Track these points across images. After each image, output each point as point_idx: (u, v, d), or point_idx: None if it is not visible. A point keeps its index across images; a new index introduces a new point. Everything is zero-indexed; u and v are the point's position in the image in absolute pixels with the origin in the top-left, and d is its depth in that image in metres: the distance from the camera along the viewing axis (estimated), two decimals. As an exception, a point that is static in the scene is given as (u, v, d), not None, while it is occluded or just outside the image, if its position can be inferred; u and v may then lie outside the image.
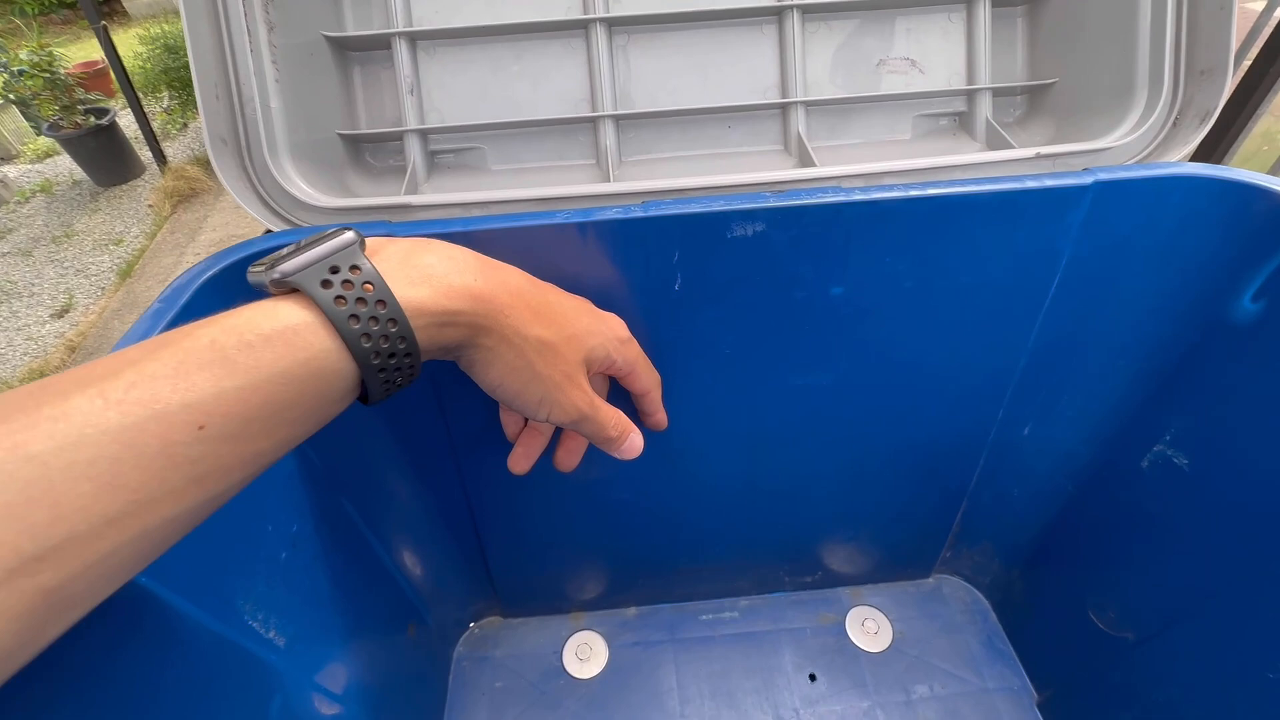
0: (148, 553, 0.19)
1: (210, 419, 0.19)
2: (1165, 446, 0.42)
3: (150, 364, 0.19)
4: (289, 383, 0.20)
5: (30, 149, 2.76)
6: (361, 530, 0.45)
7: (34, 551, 0.16)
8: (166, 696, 0.26)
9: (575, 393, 0.30)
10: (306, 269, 0.22)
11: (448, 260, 0.25)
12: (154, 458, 0.18)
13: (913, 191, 0.35)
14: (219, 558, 0.30)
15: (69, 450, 0.16)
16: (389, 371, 0.23)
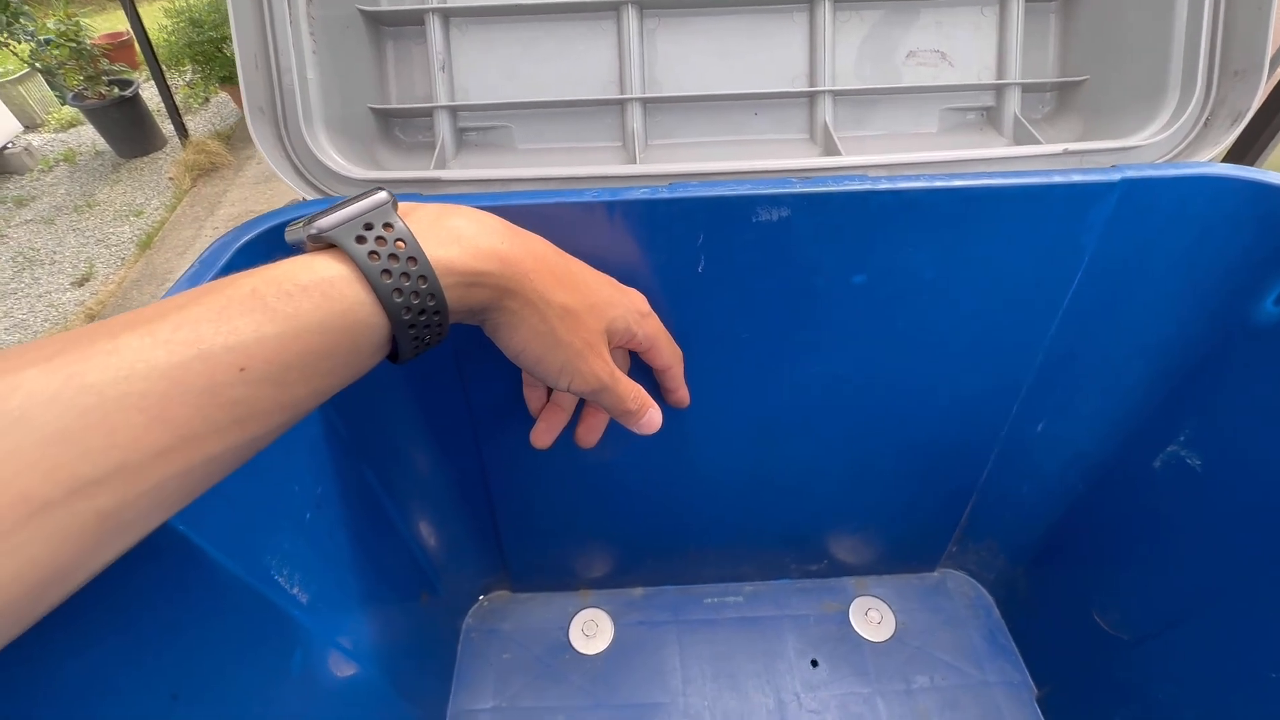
0: (191, 488, 0.19)
1: (251, 362, 0.19)
2: (1179, 447, 0.42)
3: (195, 308, 0.19)
4: (325, 332, 0.21)
5: (54, 118, 2.79)
6: (381, 498, 0.46)
7: (91, 476, 0.16)
8: (200, 642, 0.27)
9: (596, 361, 0.31)
10: (342, 225, 0.23)
11: (476, 224, 0.26)
12: (199, 396, 0.18)
13: (938, 183, 0.35)
14: (250, 513, 0.31)
15: (121, 383, 0.17)
16: (418, 328, 0.24)
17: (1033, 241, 0.38)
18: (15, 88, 2.65)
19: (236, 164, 2.41)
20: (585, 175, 0.41)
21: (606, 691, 0.56)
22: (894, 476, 0.54)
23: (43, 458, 0.16)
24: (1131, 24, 0.44)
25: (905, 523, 0.59)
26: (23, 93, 2.68)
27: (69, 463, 0.16)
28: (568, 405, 0.39)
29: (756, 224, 0.36)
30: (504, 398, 0.45)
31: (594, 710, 0.55)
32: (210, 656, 0.28)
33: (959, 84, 0.47)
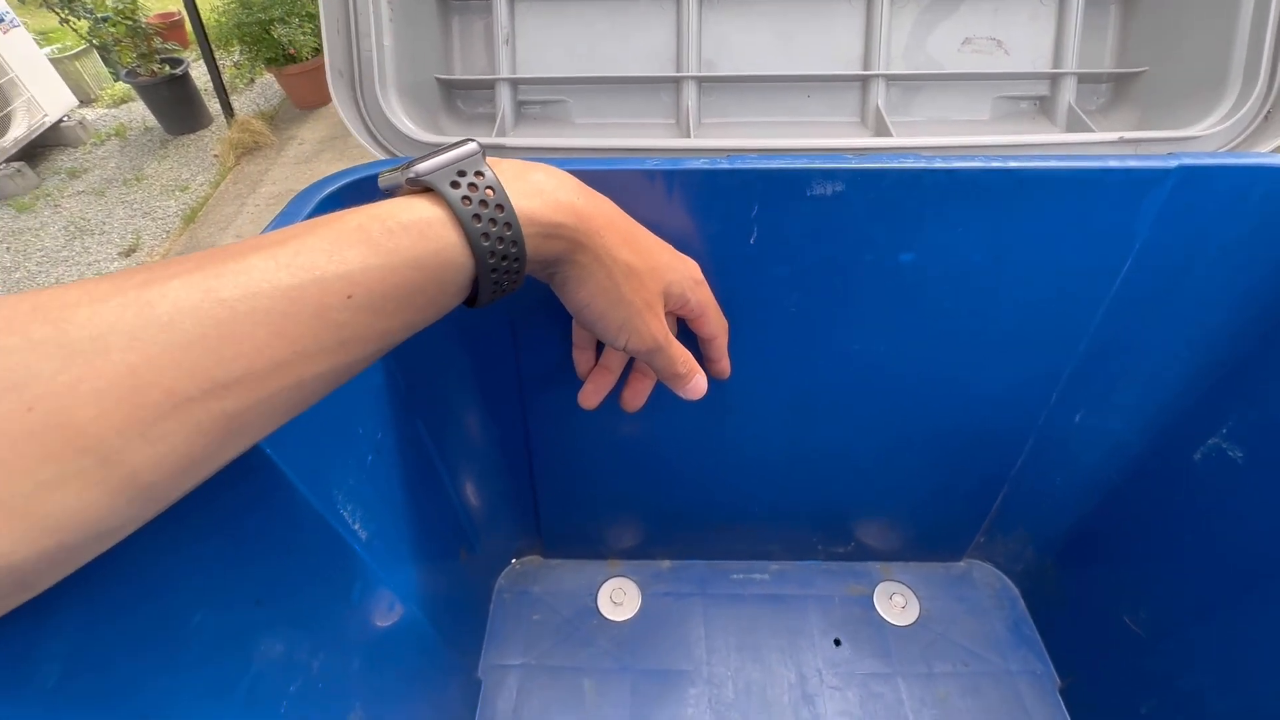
0: (298, 402, 0.21)
1: (357, 290, 0.21)
2: (1220, 439, 0.42)
3: (311, 238, 0.21)
4: (420, 268, 0.23)
5: (108, 94, 2.88)
6: (431, 454, 0.48)
7: (222, 379, 0.18)
8: (280, 558, 0.29)
9: (654, 321, 0.32)
10: (439, 170, 0.24)
11: (554, 178, 0.28)
12: (311, 317, 0.20)
13: (993, 163, 0.36)
14: (323, 448, 0.33)
15: (249, 299, 0.19)
16: (499, 273, 0.25)
17: (1084, 227, 0.38)
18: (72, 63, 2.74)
19: (279, 144, 2.47)
20: (641, 147, 0.42)
21: (632, 656, 0.58)
22: (926, 462, 0.54)
23: (185, 359, 0.18)
24: (1195, 15, 0.44)
25: (934, 510, 0.60)
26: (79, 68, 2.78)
27: (205, 366, 0.18)
28: (615, 368, 0.41)
29: (810, 198, 0.37)
30: (553, 366, 0.47)
31: (619, 673, 0.57)
32: (287, 573, 0.30)
33: (1014, 71, 0.47)
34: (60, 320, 0.17)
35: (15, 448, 0.15)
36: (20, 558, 0.15)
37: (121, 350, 0.17)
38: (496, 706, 0.55)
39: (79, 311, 0.17)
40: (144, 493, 0.17)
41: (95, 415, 0.16)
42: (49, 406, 0.16)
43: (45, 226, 2.16)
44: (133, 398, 0.17)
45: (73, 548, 0.17)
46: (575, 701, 0.55)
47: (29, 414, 0.15)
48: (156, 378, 0.17)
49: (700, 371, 0.37)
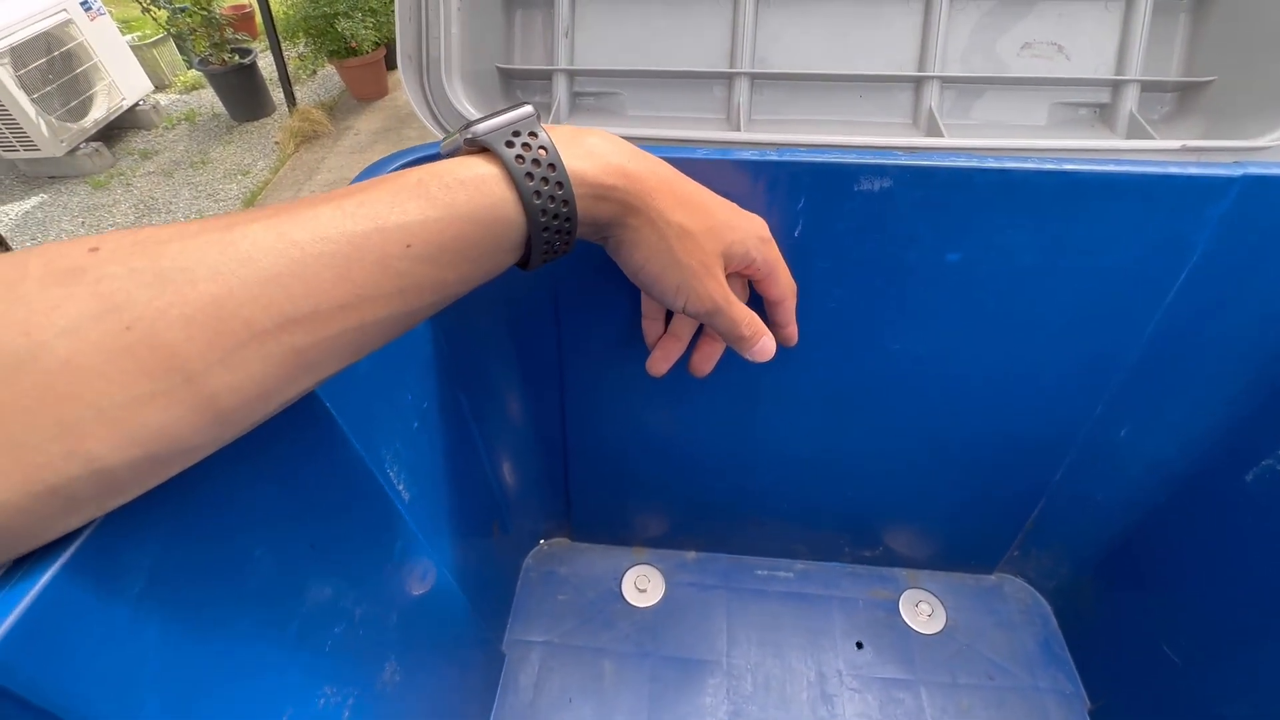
0: (359, 345, 0.23)
1: (415, 240, 0.23)
2: (1276, 460, 0.40)
3: (374, 192, 0.23)
4: (475, 223, 0.24)
5: (180, 80, 3.03)
6: (471, 429, 0.50)
7: (293, 314, 0.20)
8: (332, 508, 0.31)
9: (711, 283, 0.32)
10: (495, 131, 0.25)
11: (608, 142, 0.28)
12: (374, 263, 0.22)
13: (1047, 165, 0.36)
14: (375, 410, 0.35)
15: (318, 243, 0.20)
16: (550, 232, 0.26)
17: (1140, 235, 0.38)
18: (150, 51, 2.89)
19: (336, 133, 2.56)
20: (692, 138, 0.43)
21: (654, 643, 0.59)
22: (962, 469, 0.54)
23: (261, 294, 0.19)
24: (1269, 26, 0.43)
25: (967, 519, 0.59)
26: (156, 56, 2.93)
27: (278, 301, 0.20)
28: (684, 335, 0.40)
29: (858, 193, 0.38)
30: (594, 350, 0.48)
31: (640, 658, 0.58)
32: (339, 523, 0.31)
33: (1074, 77, 0.47)
34: (155, 254, 0.18)
35: (114, 362, 0.17)
36: (114, 462, 0.17)
37: (206, 281, 0.18)
38: (519, 680, 0.57)
39: (171, 246, 0.19)
40: (222, 415, 0.19)
41: (184, 339, 0.18)
42: (144, 328, 0.17)
43: (117, 203, 2.28)
44: (215, 325, 0.18)
45: (159, 460, 0.18)
46: (595, 682, 0.56)
47: (127, 332, 0.17)
48: (236, 309, 0.19)
49: (767, 333, 0.36)
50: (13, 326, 0.16)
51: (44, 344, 0.16)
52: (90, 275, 0.18)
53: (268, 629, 0.26)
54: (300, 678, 0.28)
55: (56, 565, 0.18)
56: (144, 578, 0.20)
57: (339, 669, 0.31)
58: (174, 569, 0.22)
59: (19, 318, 0.17)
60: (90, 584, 0.18)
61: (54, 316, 0.17)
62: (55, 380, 0.16)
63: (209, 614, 0.23)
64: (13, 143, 2.21)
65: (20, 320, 0.17)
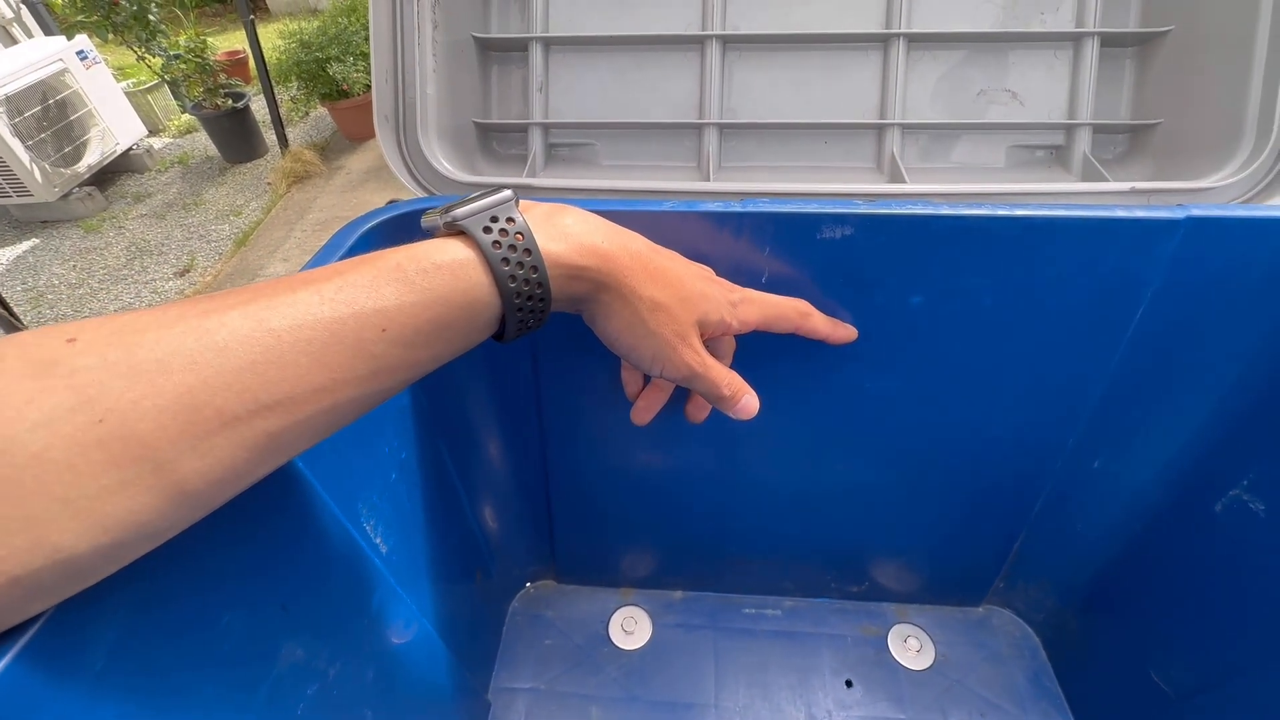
0: (332, 424, 0.23)
1: (391, 324, 0.23)
2: (1241, 491, 0.41)
3: (353, 274, 0.23)
4: (450, 306, 0.25)
5: (174, 124, 3.08)
6: (451, 476, 0.50)
7: (267, 400, 0.20)
8: (305, 565, 0.31)
9: (686, 352, 0.33)
10: (473, 216, 0.27)
11: (582, 222, 0.30)
12: (349, 348, 0.22)
13: (1000, 211, 0.37)
14: (350, 462, 0.36)
15: (295, 330, 0.21)
16: (525, 312, 0.27)
17: (1094, 275, 0.39)
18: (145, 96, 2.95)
19: (327, 173, 2.60)
20: (662, 190, 0.45)
21: (642, 687, 0.58)
22: (942, 503, 0.54)
23: (235, 381, 0.20)
24: (1209, 70, 0.45)
25: (951, 552, 0.59)
26: (150, 101, 2.98)
27: (253, 388, 0.20)
28: (667, 388, 0.42)
29: (820, 240, 0.39)
30: (573, 396, 0.49)
31: (628, 703, 0.57)
32: (312, 581, 0.32)
33: (1029, 121, 0.49)
34: (131, 344, 0.19)
35: (86, 455, 0.17)
36: (80, 552, 0.18)
37: (181, 371, 0.19)
38: (504, 729, 0.56)
39: (147, 336, 0.19)
40: (190, 500, 0.20)
41: (154, 429, 0.18)
42: (116, 420, 0.18)
43: (109, 246, 2.30)
44: (188, 415, 0.19)
45: (125, 545, 0.19)
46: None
47: (99, 425, 0.18)
48: (210, 398, 0.19)
49: (748, 391, 0.37)
50: None
51: (15, 438, 0.17)
52: (65, 367, 0.18)
53: (235, 694, 0.26)
54: (270, 743, 0.28)
55: (15, 649, 0.18)
56: (106, 652, 0.20)
57: (312, 731, 0.31)
58: (138, 640, 0.22)
59: None
60: (48, 666, 0.19)
61: (27, 411, 0.17)
62: (24, 475, 0.17)
63: (173, 682, 0.23)
64: (6, 189, 2.24)
65: None
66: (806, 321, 0.39)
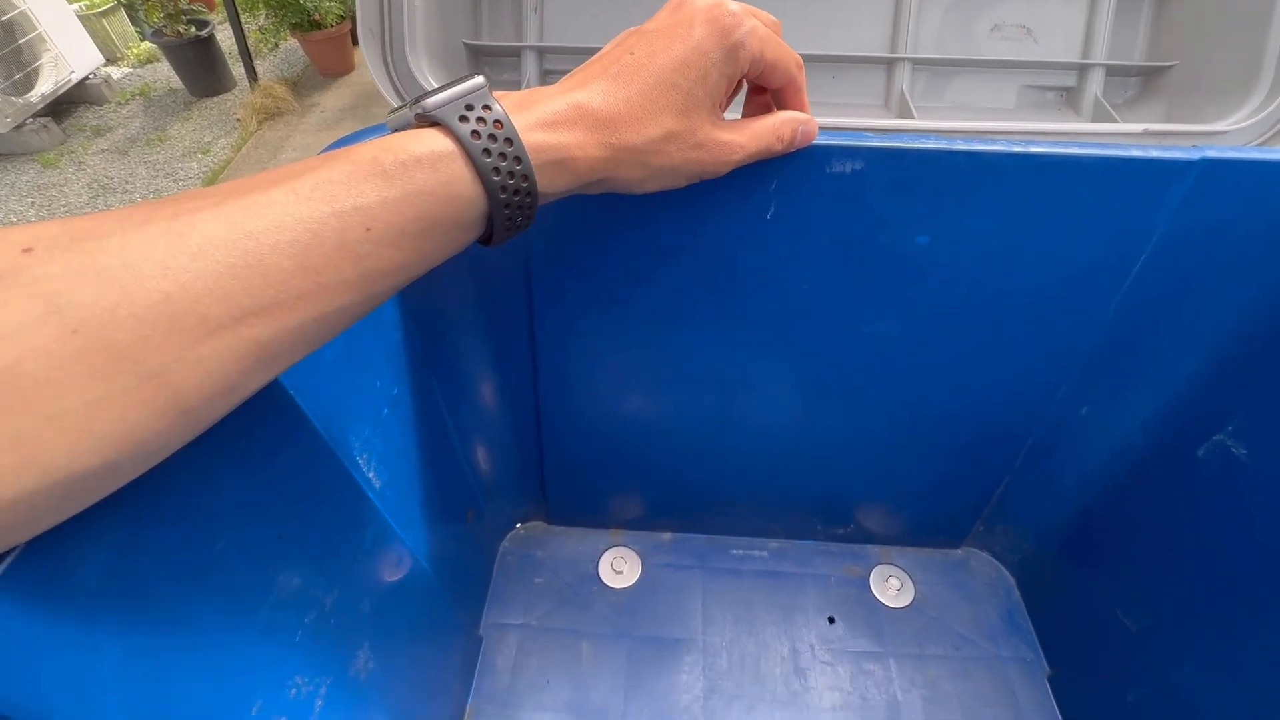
0: (321, 334, 0.22)
1: (375, 223, 0.22)
2: (1225, 436, 0.42)
3: (327, 171, 0.22)
4: (434, 202, 0.23)
5: (133, 53, 2.89)
6: (443, 415, 0.49)
7: (251, 307, 0.19)
8: (300, 498, 0.30)
9: (718, 150, 0.30)
10: (447, 105, 0.24)
11: (561, 105, 0.26)
12: (332, 250, 0.21)
13: (1016, 148, 0.36)
14: (342, 395, 0.34)
15: (274, 231, 0.20)
16: (512, 208, 0.25)
17: (1103, 218, 0.38)
18: (99, 20, 2.75)
19: (300, 110, 2.47)
20: (665, 120, 0.42)
21: (630, 623, 0.59)
22: (932, 449, 0.55)
23: (217, 287, 0.18)
24: (1228, 11, 0.43)
25: (936, 497, 0.60)
26: (106, 26, 2.78)
27: (236, 294, 0.19)
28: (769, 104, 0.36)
29: (830, 175, 0.38)
30: (567, 334, 0.47)
31: (617, 638, 0.59)
32: (307, 511, 0.31)
33: (1042, 60, 0.47)
34: (96, 250, 0.17)
35: (65, 369, 0.16)
36: (75, 471, 0.17)
37: (155, 278, 0.18)
38: (496, 664, 0.57)
39: (111, 241, 0.18)
40: (185, 414, 0.18)
41: (135, 339, 0.17)
42: (92, 330, 0.17)
43: (69, 183, 2.18)
44: (168, 323, 0.18)
45: (121, 463, 0.18)
46: (573, 663, 0.57)
47: (74, 336, 0.16)
48: (191, 305, 0.18)
49: (798, 124, 0.34)
50: None
51: None
52: (25, 275, 0.17)
53: (233, 620, 0.26)
54: (269, 669, 0.28)
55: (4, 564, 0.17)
56: (99, 573, 0.20)
57: (310, 658, 0.31)
58: (132, 563, 0.21)
59: None
60: (37, 582, 0.18)
61: None
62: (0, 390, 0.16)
63: (170, 608, 0.23)
64: (-48, 118, 2.10)
65: None
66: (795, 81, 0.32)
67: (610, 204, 0.40)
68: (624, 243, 0.42)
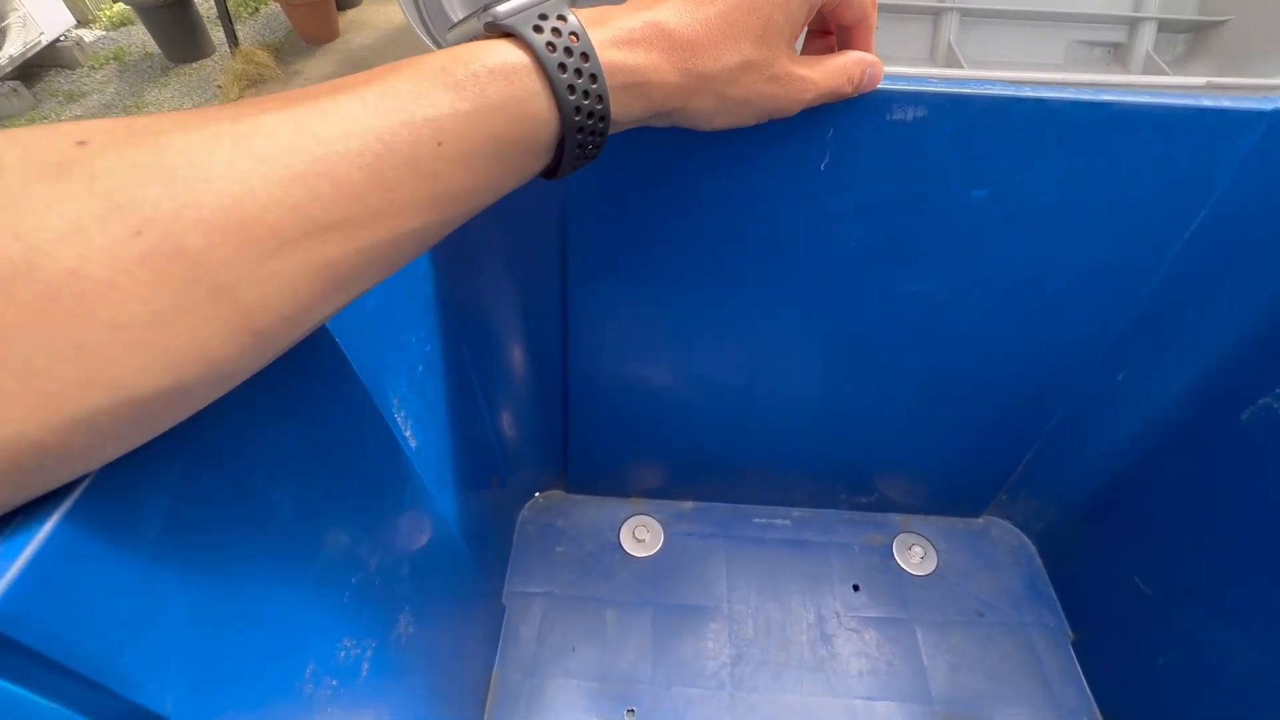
0: (394, 260, 0.20)
1: (447, 138, 0.20)
2: (1273, 399, 0.42)
3: (395, 80, 0.20)
4: (507, 119, 0.21)
5: (106, 15, 2.77)
6: (470, 376, 0.47)
7: (324, 221, 0.17)
8: (345, 449, 0.29)
9: (793, 85, 0.29)
10: (520, 13, 0.22)
11: (640, 21, 0.24)
12: (405, 163, 0.19)
13: (1084, 96, 0.35)
14: (382, 349, 0.33)
15: (343, 138, 0.18)
16: (585, 133, 0.23)
17: (1164, 173, 0.37)
18: (69, -21, 2.62)
19: (284, 78, 2.39)
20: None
21: (654, 591, 0.59)
22: (961, 416, 0.54)
23: (286, 196, 0.17)
24: (1287, -38, 0.42)
25: (960, 467, 0.60)
26: (76, -15, 2.66)
27: (306, 204, 0.17)
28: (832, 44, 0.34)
29: (889, 123, 0.36)
30: (603, 286, 0.46)
31: (641, 606, 0.58)
32: (353, 466, 0.29)
33: (1093, 13, 0.45)
34: (157, 147, 0.16)
35: (129, 273, 0.14)
36: (143, 391, 0.15)
37: (222, 180, 0.16)
38: (520, 632, 0.56)
39: (173, 138, 0.16)
40: (257, 338, 0.17)
41: (204, 245, 0.15)
42: (157, 233, 0.15)
43: (43, 149, 2.09)
44: (239, 231, 0.16)
45: (190, 388, 0.16)
46: (598, 630, 0.56)
47: (138, 238, 0.15)
48: (260, 213, 0.16)
49: (864, 67, 0.32)
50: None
51: (41, 249, 0.14)
52: (82, 170, 0.15)
53: (289, 575, 0.24)
54: (321, 628, 0.27)
55: (69, 501, 0.15)
56: (162, 518, 0.18)
57: (357, 620, 0.30)
58: (192, 509, 0.19)
59: (4, 219, 0.14)
60: (105, 524, 0.16)
61: (48, 217, 0.14)
62: (61, 293, 0.14)
63: (230, 558, 0.21)
64: (-85, 78, 1.99)
65: (7, 222, 0.14)
66: (866, 21, 0.31)
67: (653, 156, 0.38)
68: (665, 197, 0.40)
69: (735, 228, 0.41)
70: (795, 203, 0.40)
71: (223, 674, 0.21)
